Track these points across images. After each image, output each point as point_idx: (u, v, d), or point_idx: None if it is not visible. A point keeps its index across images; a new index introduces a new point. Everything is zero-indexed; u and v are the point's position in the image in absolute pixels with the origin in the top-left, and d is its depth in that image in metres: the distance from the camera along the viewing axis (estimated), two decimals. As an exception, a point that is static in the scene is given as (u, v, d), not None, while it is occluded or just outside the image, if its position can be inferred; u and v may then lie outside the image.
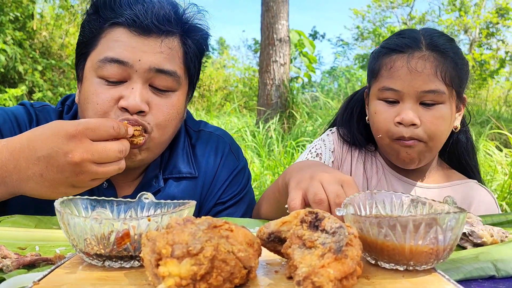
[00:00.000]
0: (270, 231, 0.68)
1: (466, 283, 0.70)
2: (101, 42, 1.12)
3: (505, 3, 13.91)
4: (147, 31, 1.10)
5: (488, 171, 4.27)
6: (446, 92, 1.27)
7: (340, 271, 0.54)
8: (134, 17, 1.09)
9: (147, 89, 1.12)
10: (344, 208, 0.70)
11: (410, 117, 1.25)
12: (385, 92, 1.31)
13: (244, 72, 15.33)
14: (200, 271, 0.53)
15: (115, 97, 1.09)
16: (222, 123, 7.31)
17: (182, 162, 1.29)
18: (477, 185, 1.44)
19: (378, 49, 1.40)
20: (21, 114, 1.22)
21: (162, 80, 1.12)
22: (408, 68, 1.27)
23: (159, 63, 1.11)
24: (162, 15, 1.11)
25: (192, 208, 0.73)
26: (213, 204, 1.32)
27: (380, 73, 1.34)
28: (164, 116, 1.13)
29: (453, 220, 0.62)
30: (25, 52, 9.83)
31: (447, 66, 1.28)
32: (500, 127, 5.14)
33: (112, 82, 1.10)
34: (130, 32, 1.10)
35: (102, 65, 1.09)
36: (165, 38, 1.13)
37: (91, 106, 1.10)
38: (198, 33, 1.22)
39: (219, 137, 1.39)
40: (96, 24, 1.13)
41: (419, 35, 1.33)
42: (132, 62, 1.08)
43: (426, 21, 17.40)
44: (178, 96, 1.17)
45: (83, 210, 0.75)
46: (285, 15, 7.32)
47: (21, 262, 0.71)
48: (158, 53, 1.11)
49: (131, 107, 1.07)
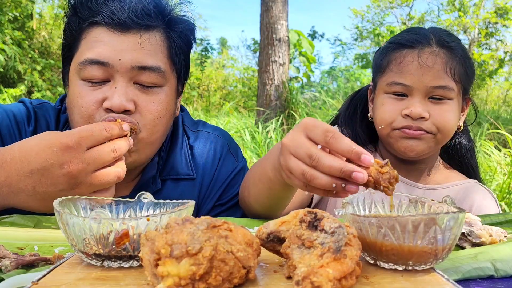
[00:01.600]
0: (269, 231, 0.68)
1: (465, 283, 0.70)
2: (82, 44, 1.10)
3: (503, 3, 13.92)
4: (125, 27, 1.07)
5: (487, 171, 4.28)
6: (455, 88, 1.29)
7: (339, 271, 0.54)
8: (111, 14, 1.06)
9: (132, 87, 1.09)
10: (343, 207, 0.70)
11: (419, 110, 1.26)
12: (394, 86, 1.32)
13: (244, 72, 15.33)
14: (199, 271, 0.53)
15: (99, 99, 1.07)
16: (221, 123, 7.30)
17: (180, 163, 1.27)
18: (478, 185, 1.44)
19: (386, 44, 1.41)
20: (20, 112, 1.21)
21: (146, 76, 1.09)
22: (419, 63, 1.28)
23: (141, 59, 1.08)
24: (140, 9, 1.08)
25: (191, 208, 0.73)
26: (212, 205, 1.30)
27: (389, 68, 1.34)
28: (152, 115, 1.10)
29: (452, 220, 0.62)
30: (24, 52, 9.82)
31: (456, 63, 1.29)
32: (499, 127, 5.14)
33: (95, 82, 1.08)
34: (108, 30, 1.07)
35: (84, 67, 1.07)
36: (145, 33, 1.09)
37: (76, 109, 1.09)
38: (182, 25, 1.18)
39: (217, 137, 1.37)
40: (76, 26, 1.11)
41: (428, 32, 1.34)
42: (112, 62, 1.06)
43: (425, 21, 17.40)
44: (165, 92, 1.14)
45: (82, 210, 0.75)
46: (284, 15, 7.33)
47: (20, 262, 0.70)
48: (138, 50, 1.08)
49: (116, 106, 1.04)
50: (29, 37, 10.63)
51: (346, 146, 0.78)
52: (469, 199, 1.39)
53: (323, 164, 0.79)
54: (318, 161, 0.80)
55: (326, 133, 0.82)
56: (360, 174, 0.74)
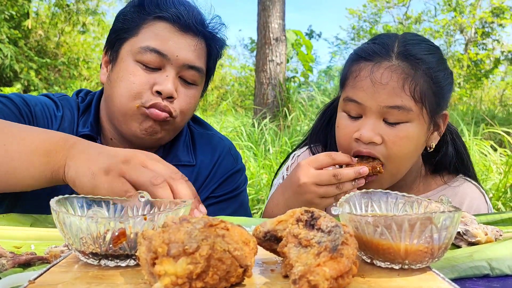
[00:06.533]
0: (266, 230, 0.68)
1: (461, 282, 0.71)
2: (142, 32, 1.23)
3: (500, 2, 13.96)
4: (187, 29, 1.24)
5: (483, 171, 4.29)
6: (414, 109, 1.15)
7: (335, 269, 0.54)
8: (179, 14, 1.23)
9: (177, 79, 1.25)
10: (339, 207, 0.70)
11: (369, 134, 1.16)
12: (348, 104, 1.21)
13: (241, 71, 15.32)
14: (196, 270, 0.53)
15: (151, 82, 1.21)
16: (218, 121, 7.30)
17: (182, 152, 1.37)
18: (463, 185, 1.36)
19: (351, 53, 1.30)
20: (48, 101, 1.31)
21: (190, 74, 1.26)
22: (371, 80, 1.15)
23: (193, 60, 1.25)
24: (200, 19, 1.27)
25: (188, 207, 0.73)
26: (206, 197, 1.36)
27: (347, 82, 1.24)
28: (187, 105, 1.27)
29: (448, 219, 0.62)
30: (20, 50, 9.79)
31: (418, 79, 1.15)
32: (495, 126, 5.16)
33: (149, 67, 1.22)
34: (172, 27, 1.23)
35: (143, 52, 1.21)
36: (200, 38, 1.27)
37: (125, 84, 1.21)
38: (220, 42, 1.35)
39: (220, 139, 1.47)
40: (138, 15, 1.25)
41: (393, 42, 1.21)
42: (170, 56, 1.21)
43: (422, 21, 17.44)
44: (197, 89, 1.31)
45: (79, 209, 0.75)
46: (281, 14, 7.32)
47: (17, 261, 0.70)
48: (192, 51, 1.24)
49: (166, 91, 1.20)
50: (26, 36, 10.59)
51: (345, 157, 1.18)
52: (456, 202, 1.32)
53: (346, 174, 1.13)
54: (341, 174, 1.13)
55: (327, 156, 1.17)
56: (365, 168, 1.15)
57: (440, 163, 1.38)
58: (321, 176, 1.14)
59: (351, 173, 1.14)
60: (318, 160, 1.17)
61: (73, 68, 11.43)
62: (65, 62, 10.99)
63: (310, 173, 1.15)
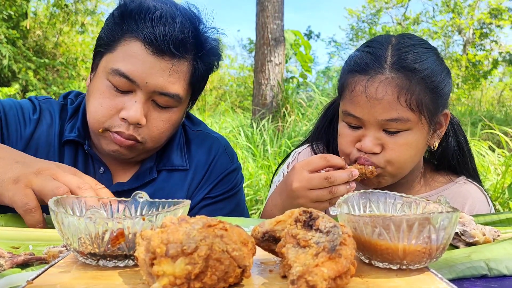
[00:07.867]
0: (265, 230, 0.68)
1: (458, 282, 0.71)
2: (118, 49, 1.16)
3: (498, 4, 13.99)
4: (161, 52, 1.14)
5: (481, 171, 4.30)
6: (412, 118, 1.16)
7: (334, 270, 0.54)
8: (153, 37, 1.13)
9: (148, 103, 1.18)
10: (338, 207, 0.71)
11: (369, 146, 1.18)
12: (347, 117, 1.23)
13: (239, 71, 15.32)
14: (195, 270, 0.53)
15: (119, 106, 1.16)
16: (216, 122, 7.30)
17: (176, 156, 1.35)
18: (466, 186, 1.37)
19: (346, 61, 1.30)
20: (26, 104, 1.30)
21: (163, 100, 1.18)
22: (366, 95, 1.16)
23: (164, 87, 1.16)
24: (180, 39, 1.15)
25: (187, 207, 0.73)
26: (202, 197, 1.35)
27: (344, 94, 1.25)
28: (158, 130, 1.21)
29: (446, 219, 0.63)
30: (18, 50, 9.77)
31: (413, 89, 1.15)
32: (493, 127, 5.17)
33: (119, 90, 1.16)
34: (145, 49, 1.14)
35: (113, 74, 1.14)
36: (176, 62, 1.17)
37: (95, 103, 1.17)
38: (212, 58, 1.26)
39: (215, 138, 1.43)
40: (117, 29, 1.17)
41: (386, 51, 1.20)
42: (140, 82, 1.14)
43: (420, 22, 17.46)
44: (174, 111, 1.23)
45: (77, 210, 0.75)
46: (280, 14, 7.32)
47: (15, 261, 0.70)
48: (166, 76, 1.16)
49: (131, 119, 1.14)
50: (24, 36, 10.58)
51: (340, 160, 1.17)
52: (457, 203, 1.33)
53: (339, 176, 1.13)
54: (333, 177, 1.12)
55: (321, 158, 1.16)
56: (356, 171, 1.15)
57: (442, 156, 1.39)
58: (313, 180, 1.13)
59: (344, 175, 1.13)
60: (312, 163, 1.16)
61: (72, 68, 11.42)
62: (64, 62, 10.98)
63: (302, 177, 1.14)
